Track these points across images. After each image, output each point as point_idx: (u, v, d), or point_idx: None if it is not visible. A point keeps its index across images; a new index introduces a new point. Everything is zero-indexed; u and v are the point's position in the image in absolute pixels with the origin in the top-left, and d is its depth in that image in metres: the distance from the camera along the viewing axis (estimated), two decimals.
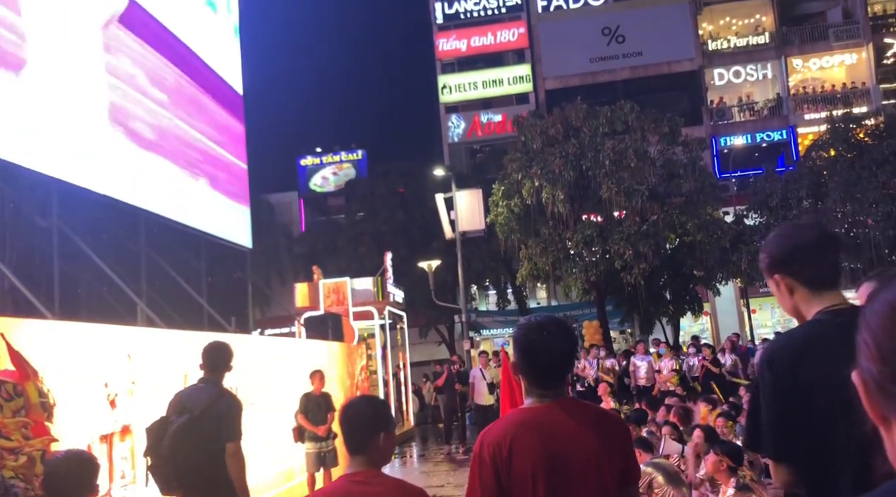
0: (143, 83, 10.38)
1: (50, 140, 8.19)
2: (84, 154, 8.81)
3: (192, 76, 12.07)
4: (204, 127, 12.44)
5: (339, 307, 15.43)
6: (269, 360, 8.88)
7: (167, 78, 11.19)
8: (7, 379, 4.04)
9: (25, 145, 7.80)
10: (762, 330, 26.17)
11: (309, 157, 36.68)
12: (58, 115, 8.39)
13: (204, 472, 4.38)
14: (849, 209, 18.24)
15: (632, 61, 30.54)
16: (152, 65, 10.72)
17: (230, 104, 13.84)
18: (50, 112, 8.25)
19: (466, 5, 32.40)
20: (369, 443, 2.48)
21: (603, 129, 19.76)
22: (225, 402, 4.59)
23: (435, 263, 20.97)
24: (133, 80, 10.11)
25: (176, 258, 12.95)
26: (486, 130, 31.59)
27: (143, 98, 10.32)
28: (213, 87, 13.04)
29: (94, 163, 9.01)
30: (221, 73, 13.50)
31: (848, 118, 20.50)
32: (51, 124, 8.24)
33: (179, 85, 11.60)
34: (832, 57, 30.52)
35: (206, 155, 12.43)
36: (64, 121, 8.50)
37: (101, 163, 9.14)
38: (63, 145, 8.41)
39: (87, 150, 8.85)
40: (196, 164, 11.99)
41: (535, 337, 2.32)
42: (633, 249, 18.39)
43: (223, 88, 13.59)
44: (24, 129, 7.80)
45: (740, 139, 29.55)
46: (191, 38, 12.12)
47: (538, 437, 2.22)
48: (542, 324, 2.35)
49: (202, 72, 12.59)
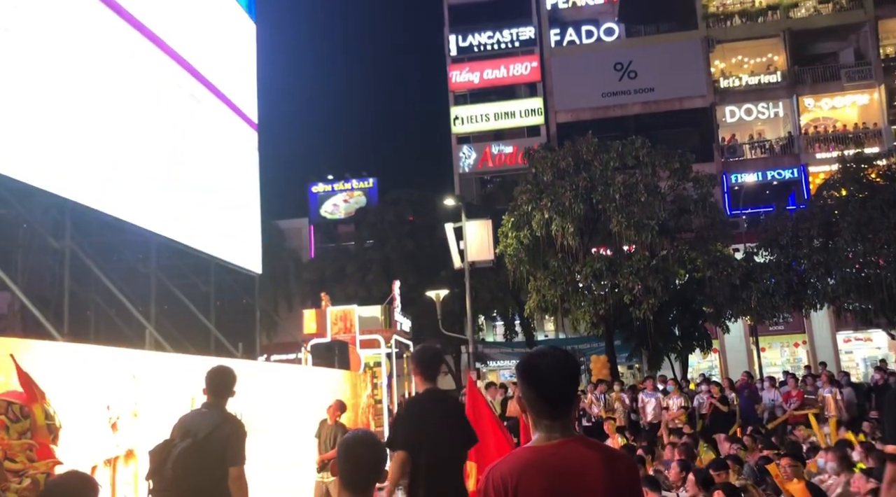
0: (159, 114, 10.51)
1: (66, 161, 8.28)
2: (99, 176, 8.90)
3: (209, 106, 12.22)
4: (217, 154, 12.56)
5: (345, 335, 15.38)
6: (275, 386, 8.85)
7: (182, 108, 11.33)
8: (15, 400, 4.04)
9: (41, 166, 7.89)
10: (771, 368, 25.92)
11: (320, 183, 36.91)
12: (74, 137, 8.49)
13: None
14: (860, 249, 18.14)
15: (643, 97, 30.75)
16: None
17: (245, 133, 13.98)
18: (66, 133, 8.35)
19: (480, 38, 32.80)
20: (373, 484, 2.62)
21: (614, 164, 19.82)
22: (229, 426, 4.58)
23: (443, 293, 20.94)
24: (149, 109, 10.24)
25: (185, 282, 12.99)
26: (497, 162, 31.77)
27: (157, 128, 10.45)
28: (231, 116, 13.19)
29: (108, 185, 9.09)
30: (239, 104, 13.66)
31: (859, 158, 20.50)
32: (66, 145, 8.33)
33: (194, 113, 11.74)
34: (844, 97, 30.64)
35: (218, 180, 12.52)
36: (80, 142, 8.59)
37: (115, 186, 9.23)
38: (78, 166, 8.50)
39: (101, 171, 8.94)
40: (207, 190, 12.08)
41: (534, 363, 2.34)
42: (643, 284, 18.34)
43: (244, 121, 13.76)
44: (41, 150, 7.89)
45: (751, 176, 29.58)
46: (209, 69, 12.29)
47: (545, 477, 2.20)
48: (542, 351, 2.38)
49: (221, 99, 12.74)
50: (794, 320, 26.00)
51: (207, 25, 12.65)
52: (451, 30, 33.05)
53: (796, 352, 28.83)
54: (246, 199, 13.89)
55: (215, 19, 13.10)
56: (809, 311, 20.71)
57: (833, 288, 18.86)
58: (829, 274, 18.80)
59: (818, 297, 19.39)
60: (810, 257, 18.93)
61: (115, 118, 9.36)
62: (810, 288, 19.23)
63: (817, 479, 7.25)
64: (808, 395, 14.98)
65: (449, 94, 32.72)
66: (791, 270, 19.46)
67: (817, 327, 27.60)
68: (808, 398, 14.90)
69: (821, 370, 17.94)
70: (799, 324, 27.00)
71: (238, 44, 14.05)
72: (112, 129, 9.27)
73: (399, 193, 29.62)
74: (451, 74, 32.60)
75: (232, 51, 13.70)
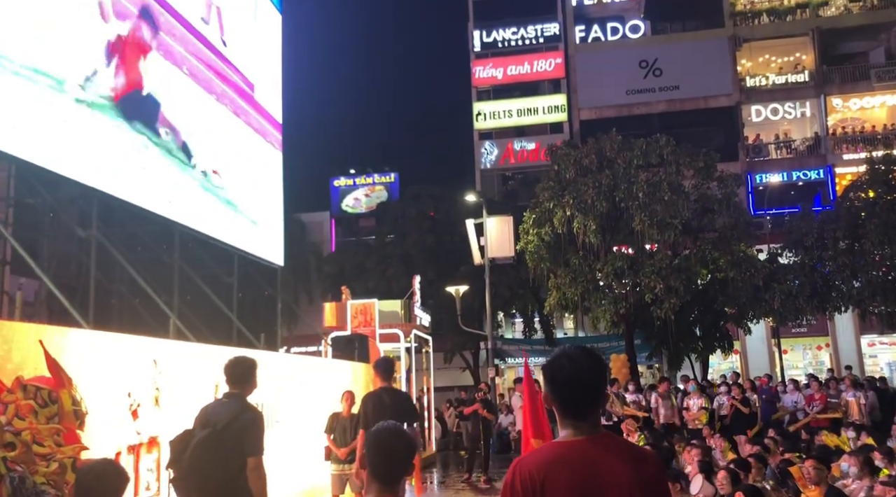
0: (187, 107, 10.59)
1: (92, 151, 8.37)
2: (125, 166, 8.98)
3: (236, 109, 12.29)
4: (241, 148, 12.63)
5: (365, 328, 15.42)
6: (296, 378, 8.90)
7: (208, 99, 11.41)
8: (43, 385, 4.09)
9: (68, 156, 7.98)
10: (793, 371, 25.64)
11: (342, 178, 37.02)
12: (100, 128, 8.58)
13: (225, 487, 4.35)
14: (887, 252, 17.88)
15: (668, 95, 30.49)
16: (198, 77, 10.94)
17: (270, 132, 14.04)
18: (93, 125, 8.44)
19: (505, 34, 32.69)
20: (403, 476, 2.56)
21: (637, 161, 19.67)
22: (248, 416, 4.55)
23: (463, 289, 20.92)
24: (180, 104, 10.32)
25: (208, 273, 13.10)
26: (519, 158, 31.67)
27: (187, 118, 10.53)
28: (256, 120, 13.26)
29: (135, 175, 9.17)
30: (264, 96, 13.73)
31: (888, 159, 20.15)
32: (94, 137, 8.42)
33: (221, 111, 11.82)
34: (873, 97, 30.17)
35: (242, 173, 12.60)
36: (106, 134, 8.68)
37: (141, 176, 9.31)
38: (105, 157, 8.58)
39: (128, 162, 9.03)
40: (232, 181, 12.16)
41: (560, 365, 2.33)
42: (664, 283, 18.20)
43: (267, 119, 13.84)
44: (69, 142, 7.98)
45: (776, 176, 29.23)
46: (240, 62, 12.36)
47: (572, 473, 2.19)
48: (568, 352, 2.36)
49: (247, 99, 12.81)
50: (817, 323, 25.66)
51: (237, 15, 12.71)
52: (475, 25, 32.95)
53: (819, 355, 28.49)
54: (269, 191, 13.97)
55: (244, 9, 13.17)
56: (833, 313, 20.45)
57: (858, 291, 18.61)
58: (855, 276, 18.55)
59: (843, 300, 19.14)
60: (835, 259, 18.69)
61: (146, 109, 9.44)
62: (835, 290, 18.99)
63: (840, 484, 7.18)
64: (832, 399, 14.82)
65: (472, 89, 32.64)
66: (815, 272, 19.23)
67: (841, 330, 27.25)
68: (831, 402, 14.74)
69: (846, 374, 17.74)
70: (822, 326, 26.66)
71: (265, 36, 14.11)
72: (140, 121, 9.35)
73: (420, 188, 29.61)
74: (475, 70, 32.52)
75: (259, 43, 13.76)
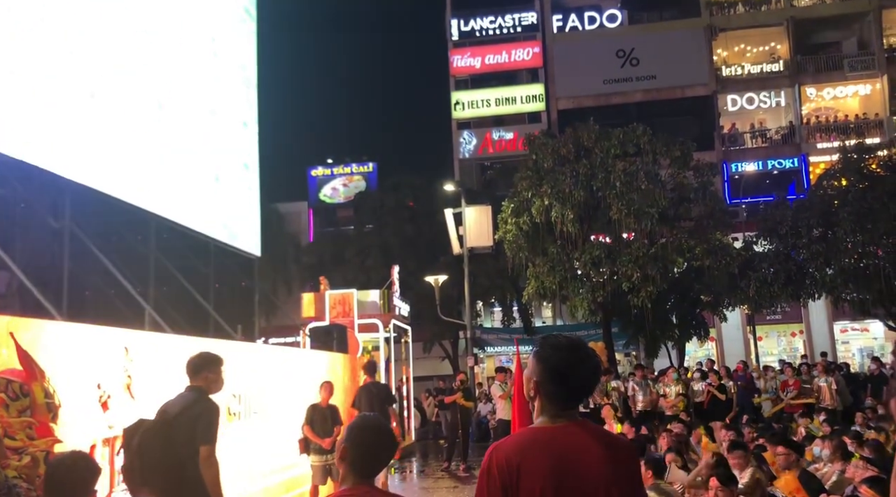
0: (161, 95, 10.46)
1: (65, 141, 8.25)
2: (98, 156, 8.86)
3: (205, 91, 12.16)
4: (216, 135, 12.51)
5: (344, 318, 15.39)
6: (274, 368, 8.87)
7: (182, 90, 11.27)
8: (14, 378, 4.04)
9: (39, 145, 7.85)
10: (768, 357, 26.00)
11: (320, 167, 36.83)
12: (75, 118, 8.45)
13: (171, 473, 4.33)
14: (859, 239, 18.13)
15: (645, 84, 30.63)
16: None
17: (246, 112, 13.92)
18: (67, 114, 8.32)
19: (482, 23, 32.60)
20: (380, 470, 2.59)
21: (615, 151, 19.75)
22: (202, 406, 4.62)
23: (441, 278, 20.95)
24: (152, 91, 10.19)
25: (184, 264, 12.99)
26: (498, 148, 31.68)
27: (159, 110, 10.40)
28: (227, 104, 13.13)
29: (108, 165, 9.05)
30: (240, 84, 13.59)
31: (861, 148, 20.42)
32: (66, 125, 8.30)
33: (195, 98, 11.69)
34: (846, 87, 30.54)
35: (217, 163, 12.48)
36: (81, 123, 8.56)
37: (114, 166, 9.19)
38: (77, 146, 8.46)
39: (101, 152, 8.91)
40: (208, 170, 12.05)
41: (568, 358, 2.32)
42: (641, 272, 18.34)
43: None
44: (40, 130, 7.85)
45: (751, 166, 29.53)
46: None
47: (548, 457, 2.20)
48: (575, 345, 2.35)
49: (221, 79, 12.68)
50: (791, 310, 26.05)
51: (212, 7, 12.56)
52: (452, 14, 32.81)
53: (793, 341, 28.91)
54: (245, 181, 13.86)
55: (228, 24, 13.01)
56: (807, 300, 20.73)
57: (831, 278, 18.87)
58: (828, 264, 18.80)
59: (816, 287, 19.40)
60: (809, 247, 18.92)
61: (115, 98, 9.31)
62: (809, 278, 19.24)
63: (813, 468, 7.29)
64: (805, 385, 15.06)
65: (450, 78, 32.56)
66: (790, 260, 19.46)
67: (814, 317, 27.66)
68: (805, 388, 14.98)
69: (819, 360, 18.02)
70: (796, 313, 27.06)
71: (239, 21, 13.96)
72: (112, 110, 9.23)
73: (399, 178, 29.53)
74: (453, 59, 32.42)
75: (233, 30, 13.61)
